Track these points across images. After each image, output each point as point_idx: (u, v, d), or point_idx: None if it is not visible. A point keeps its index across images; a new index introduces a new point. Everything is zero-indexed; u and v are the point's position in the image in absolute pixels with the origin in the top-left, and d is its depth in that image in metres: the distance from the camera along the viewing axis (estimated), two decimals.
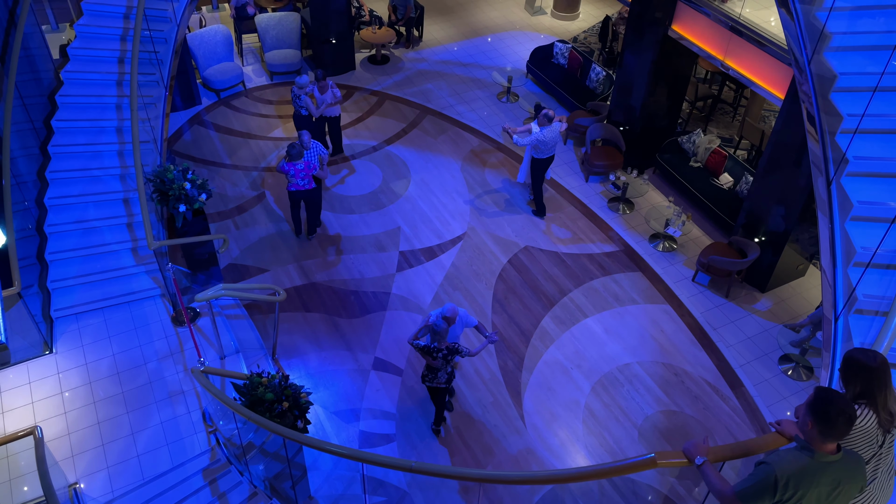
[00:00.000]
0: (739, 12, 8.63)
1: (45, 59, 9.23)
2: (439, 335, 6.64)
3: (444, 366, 6.82)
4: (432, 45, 14.20)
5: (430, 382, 6.97)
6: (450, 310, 6.82)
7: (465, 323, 7.16)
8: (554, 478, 6.21)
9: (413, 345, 6.81)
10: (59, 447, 6.43)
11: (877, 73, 5.86)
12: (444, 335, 6.65)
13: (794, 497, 3.25)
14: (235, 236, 9.77)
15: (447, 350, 6.71)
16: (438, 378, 6.91)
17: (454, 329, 7.03)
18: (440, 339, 6.66)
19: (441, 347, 6.70)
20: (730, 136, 11.82)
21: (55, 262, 7.78)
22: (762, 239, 8.92)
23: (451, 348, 6.73)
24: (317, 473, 6.81)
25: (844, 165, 5.75)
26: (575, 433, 7.58)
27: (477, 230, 9.99)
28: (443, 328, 6.63)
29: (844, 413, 3.15)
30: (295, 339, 8.43)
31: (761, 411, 7.81)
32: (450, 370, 6.92)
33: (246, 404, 5.97)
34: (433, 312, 6.96)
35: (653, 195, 10.68)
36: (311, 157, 9.06)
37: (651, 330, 8.68)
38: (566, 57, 12.66)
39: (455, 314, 6.83)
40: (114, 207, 8.29)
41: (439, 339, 6.66)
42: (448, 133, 11.83)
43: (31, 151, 8.39)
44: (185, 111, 12.00)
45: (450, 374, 6.94)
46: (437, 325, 6.68)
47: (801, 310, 8.95)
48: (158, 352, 7.35)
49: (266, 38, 12.64)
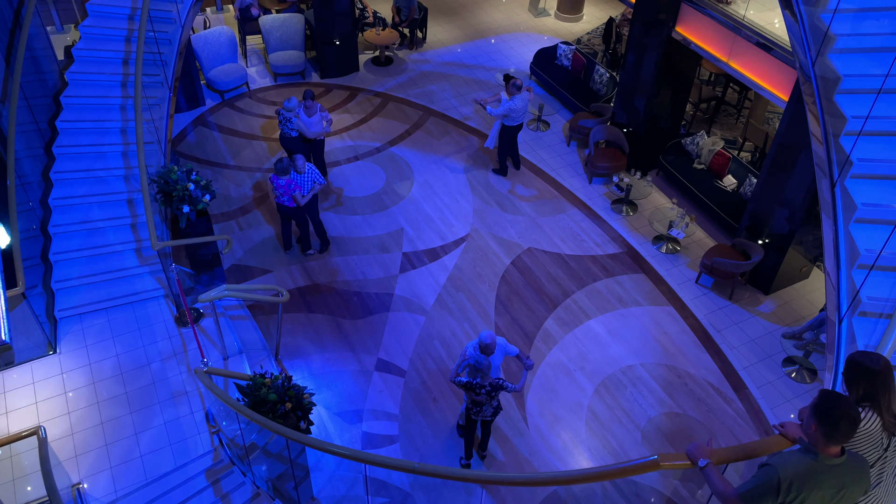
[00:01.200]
0: (743, 14, 8.62)
1: (49, 61, 9.27)
2: (482, 372, 6.21)
3: (489, 400, 6.47)
4: (436, 46, 14.21)
5: (476, 416, 6.64)
6: (487, 336, 6.39)
7: (505, 351, 6.72)
8: (557, 479, 6.20)
9: (455, 382, 6.42)
10: (62, 447, 6.44)
11: (881, 76, 5.85)
12: (486, 371, 6.22)
13: (796, 499, 3.24)
14: (239, 237, 9.78)
15: (490, 387, 6.32)
16: (484, 412, 6.59)
17: (494, 359, 6.58)
18: (483, 376, 6.24)
19: (484, 384, 6.29)
20: (733, 137, 11.80)
21: (59, 263, 7.80)
22: (766, 241, 8.90)
23: (495, 384, 6.32)
24: (320, 474, 6.81)
25: (848, 167, 5.74)
26: (578, 435, 7.57)
27: (480, 231, 9.99)
28: (485, 365, 6.18)
29: (848, 416, 3.14)
30: (298, 340, 8.44)
31: (765, 414, 7.79)
32: (495, 404, 6.57)
33: (249, 405, 5.97)
34: (469, 344, 6.60)
35: (656, 197, 10.67)
36: (302, 180, 8.71)
37: (654, 332, 8.67)
38: (570, 58, 12.66)
39: (493, 341, 6.41)
40: (118, 208, 8.31)
41: (482, 375, 6.24)
42: (451, 134, 11.83)
43: (35, 152, 8.41)
44: (189, 112, 12.03)
45: (496, 408, 6.61)
46: (479, 363, 6.18)
47: (804, 312, 8.93)
48: (162, 352, 7.37)
49: (270, 39, 12.66)
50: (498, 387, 6.36)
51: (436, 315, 8.78)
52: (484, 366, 6.18)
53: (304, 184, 8.75)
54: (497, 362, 6.64)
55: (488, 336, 6.40)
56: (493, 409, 6.63)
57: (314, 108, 9.81)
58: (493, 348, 6.42)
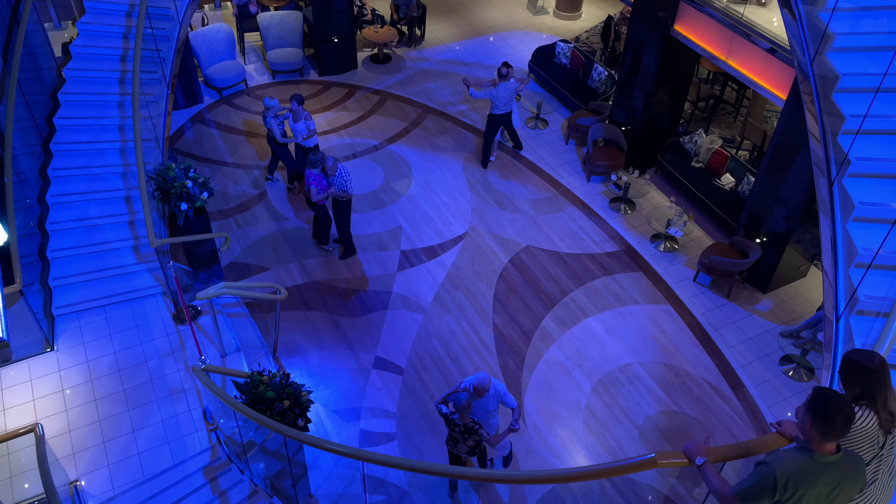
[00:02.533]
0: (742, 12, 8.61)
1: (47, 57, 9.24)
2: (460, 409, 5.97)
3: (463, 440, 6.23)
4: (434, 44, 14.20)
5: (451, 448, 6.45)
6: (479, 380, 6.08)
7: (500, 399, 6.34)
8: (554, 477, 6.20)
9: (437, 408, 6.20)
10: (59, 444, 6.44)
11: (879, 74, 5.86)
12: (464, 410, 5.95)
13: (793, 497, 3.25)
14: (237, 235, 9.77)
15: (464, 427, 6.08)
16: (458, 448, 6.37)
17: (485, 403, 6.29)
18: (461, 414, 6.00)
19: (458, 423, 6.07)
20: (732, 136, 11.81)
21: (57, 260, 7.79)
22: (764, 239, 8.91)
23: (469, 427, 6.06)
24: (317, 472, 6.81)
25: (846, 166, 5.75)
26: (576, 433, 7.58)
27: (478, 229, 9.99)
28: (462, 404, 5.92)
29: (843, 412, 3.15)
30: (296, 338, 8.44)
31: (762, 412, 7.80)
32: (471, 444, 6.24)
33: (247, 402, 5.97)
34: (467, 380, 6.29)
35: (654, 195, 10.68)
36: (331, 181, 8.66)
37: (652, 330, 8.68)
38: (568, 57, 12.66)
39: (483, 386, 6.07)
40: (115, 205, 8.29)
41: (460, 412, 6.00)
42: (450, 132, 11.83)
43: (33, 149, 8.40)
44: (187, 109, 12.01)
45: (471, 447, 6.28)
46: (457, 401, 5.96)
47: (802, 310, 8.94)
48: (159, 350, 7.36)
49: (268, 36, 12.64)
50: (471, 430, 6.09)
51: (434, 313, 8.78)
52: (462, 405, 5.94)
53: (336, 180, 8.67)
54: (488, 407, 6.33)
55: (480, 380, 6.10)
56: (469, 448, 6.32)
57: (300, 114, 9.62)
58: (484, 392, 6.12)
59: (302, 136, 9.75)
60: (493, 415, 6.45)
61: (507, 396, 6.34)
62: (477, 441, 6.22)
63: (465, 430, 6.13)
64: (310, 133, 9.77)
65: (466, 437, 6.20)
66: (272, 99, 9.63)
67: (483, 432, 6.10)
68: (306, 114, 9.73)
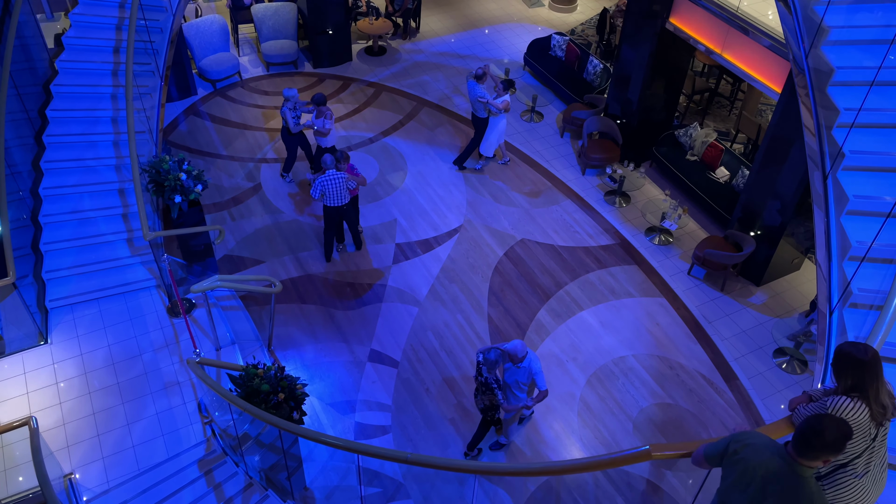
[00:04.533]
0: (737, 5, 8.61)
1: (39, 49, 9.17)
2: (487, 363, 6.26)
3: (480, 393, 6.51)
4: (429, 36, 14.15)
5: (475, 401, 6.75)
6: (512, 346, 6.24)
7: (531, 375, 6.43)
8: (549, 470, 6.25)
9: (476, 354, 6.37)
10: (54, 437, 6.42)
11: (874, 68, 5.86)
12: (491, 365, 6.25)
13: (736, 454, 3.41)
14: (231, 227, 9.75)
15: (483, 381, 6.38)
16: (476, 400, 6.69)
17: (515, 372, 6.43)
18: (488, 367, 6.29)
19: (480, 375, 6.38)
20: (726, 129, 11.82)
21: (50, 253, 7.76)
22: (758, 233, 8.93)
23: (486, 384, 6.36)
24: (312, 464, 6.83)
25: (841, 160, 5.76)
26: (570, 425, 7.61)
27: (473, 223, 9.99)
28: (490, 359, 6.22)
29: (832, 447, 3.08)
30: (291, 331, 8.43)
31: (755, 404, 7.84)
32: (486, 403, 6.52)
33: (242, 395, 5.97)
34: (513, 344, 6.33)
35: (649, 188, 10.69)
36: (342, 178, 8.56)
37: (646, 323, 8.71)
38: (563, 49, 12.63)
39: (515, 353, 6.23)
40: (109, 198, 8.26)
41: (487, 365, 6.28)
42: (445, 125, 11.80)
43: (25, 141, 8.35)
44: (181, 101, 11.95)
45: (486, 407, 6.57)
46: (486, 356, 6.25)
47: (796, 303, 8.98)
48: (154, 343, 7.35)
49: (262, 28, 12.58)
50: (488, 385, 6.32)
51: (429, 306, 8.78)
52: (490, 360, 6.22)
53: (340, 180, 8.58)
54: (518, 378, 6.44)
55: (514, 347, 6.24)
56: (484, 406, 6.59)
57: (322, 111, 9.53)
58: (516, 361, 6.27)
59: (314, 129, 9.65)
60: (520, 387, 6.51)
61: (538, 375, 6.42)
62: (492, 401, 6.44)
63: (482, 385, 6.36)
64: (321, 131, 9.60)
65: (484, 392, 6.42)
66: (291, 90, 9.57)
67: (499, 395, 6.31)
68: (329, 112, 9.58)
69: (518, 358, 6.28)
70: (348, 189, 8.62)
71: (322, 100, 9.54)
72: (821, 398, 3.81)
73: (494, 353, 6.27)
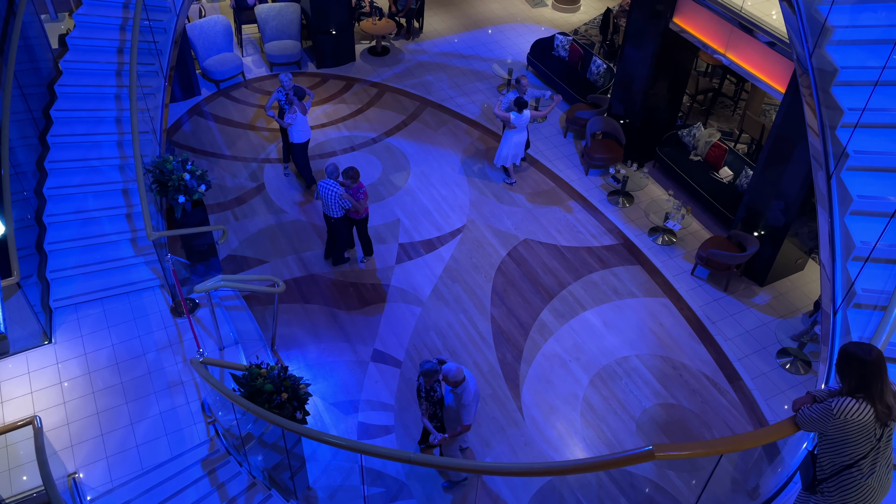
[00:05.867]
0: (741, 5, 8.59)
1: (44, 49, 9.20)
2: (423, 371, 6.20)
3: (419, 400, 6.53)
4: (433, 36, 14.15)
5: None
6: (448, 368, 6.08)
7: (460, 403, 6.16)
8: (552, 470, 6.24)
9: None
10: (58, 437, 6.44)
11: (878, 68, 5.85)
12: (426, 375, 6.18)
13: None
14: (235, 227, 9.76)
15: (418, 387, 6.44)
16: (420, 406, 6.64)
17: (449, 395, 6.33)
18: (425, 377, 6.23)
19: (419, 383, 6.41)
20: (730, 129, 11.80)
21: (54, 253, 7.78)
22: (761, 233, 8.92)
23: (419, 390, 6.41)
24: (315, 464, 6.83)
25: (845, 160, 5.75)
26: (573, 426, 7.60)
27: (476, 223, 9.99)
28: (425, 369, 6.17)
29: None
30: (294, 331, 8.44)
31: (759, 404, 7.83)
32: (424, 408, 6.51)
33: (245, 395, 5.97)
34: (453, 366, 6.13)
35: (652, 188, 10.68)
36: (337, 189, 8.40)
37: (650, 323, 8.69)
38: (567, 49, 12.62)
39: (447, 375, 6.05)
40: (113, 198, 8.27)
41: (424, 375, 6.22)
42: (448, 125, 11.80)
43: (30, 141, 8.37)
44: (185, 102, 11.97)
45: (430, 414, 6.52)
46: (427, 363, 6.21)
47: (799, 304, 8.96)
48: (157, 342, 7.36)
49: (266, 28, 12.59)
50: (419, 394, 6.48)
51: (432, 306, 8.78)
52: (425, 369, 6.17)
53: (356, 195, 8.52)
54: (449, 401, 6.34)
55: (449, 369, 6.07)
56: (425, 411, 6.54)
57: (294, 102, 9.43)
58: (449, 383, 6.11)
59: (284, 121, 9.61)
60: (453, 410, 6.32)
61: (465, 409, 6.15)
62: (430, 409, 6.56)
63: (418, 390, 6.46)
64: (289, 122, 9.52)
65: (420, 400, 6.53)
66: (287, 76, 9.47)
67: (424, 405, 6.45)
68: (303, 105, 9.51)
69: (449, 381, 6.08)
70: (342, 207, 8.47)
71: (301, 93, 9.47)
72: (825, 399, 3.81)
73: (431, 364, 6.19)
